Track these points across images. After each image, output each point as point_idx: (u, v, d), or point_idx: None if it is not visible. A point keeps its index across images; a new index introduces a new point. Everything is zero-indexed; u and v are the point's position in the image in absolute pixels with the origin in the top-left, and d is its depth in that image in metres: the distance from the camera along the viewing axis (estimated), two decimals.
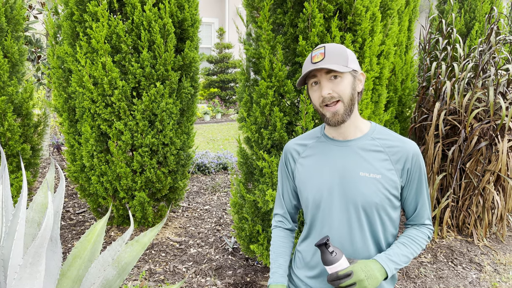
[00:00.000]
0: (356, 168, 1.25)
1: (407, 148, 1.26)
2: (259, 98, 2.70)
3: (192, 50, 3.72)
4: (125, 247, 2.05)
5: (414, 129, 4.36)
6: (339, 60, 1.20)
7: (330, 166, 1.29)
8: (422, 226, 1.35)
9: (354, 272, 1.15)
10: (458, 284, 3.23)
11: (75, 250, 2.09)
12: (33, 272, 1.59)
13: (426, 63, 4.42)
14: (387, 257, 1.23)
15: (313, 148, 1.35)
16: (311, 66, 1.20)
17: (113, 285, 2.01)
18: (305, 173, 1.34)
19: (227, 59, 14.04)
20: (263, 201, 2.77)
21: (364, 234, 1.27)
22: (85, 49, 3.31)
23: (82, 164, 3.68)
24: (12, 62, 3.66)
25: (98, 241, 2.19)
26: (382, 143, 1.28)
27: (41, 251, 1.55)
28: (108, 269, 1.94)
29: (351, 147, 1.28)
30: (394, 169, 1.25)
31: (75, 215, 4.38)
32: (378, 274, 1.19)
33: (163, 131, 3.55)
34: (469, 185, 3.94)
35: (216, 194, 5.29)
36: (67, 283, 2.05)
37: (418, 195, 1.30)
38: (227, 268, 3.33)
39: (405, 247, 1.28)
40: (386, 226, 1.29)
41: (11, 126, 3.48)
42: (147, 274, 3.22)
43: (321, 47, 1.23)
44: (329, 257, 1.16)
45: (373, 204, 1.24)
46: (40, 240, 1.49)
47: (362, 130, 1.30)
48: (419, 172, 1.28)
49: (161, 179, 3.65)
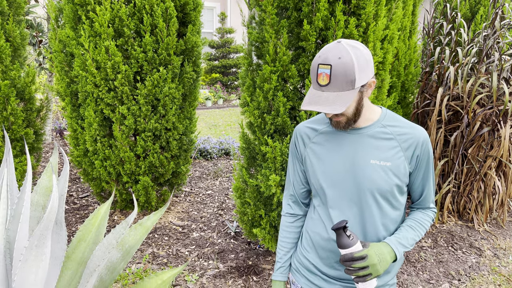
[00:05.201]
0: (367, 156, 1.26)
1: (417, 135, 1.27)
2: (262, 83, 2.70)
3: (194, 35, 3.70)
4: (129, 231, 2.07)
5: (416, 114, 4.35)
6: (344, 85, 1.14)
7: (341, 153, 1.30)
8: (427, 209, 1.38)
9: (368, 256, 1.18)
10: (458, 268, 3.26)
11: (79, 234, 2.11)
12: (39, 254, 1.61)
13: (429, 48, 4.38)
14: (397, 241, 1.26)
15: (324, 135, 1.36)
16: (316, 90, 1.18)
17: (117, 267, 2.04)
18: (316, 159, 1.35)
19: (229, 44, 13.93)
20: (265, 186, 2.78)
21: (374, 218, 1.29)
22: (88, 32, 3.30)
23: (85, 149, 3.69)
24: (14, 46, 3.65)
25: (102, 224, 2.21)
26: (393, 131, 1.28)
27: (46, 233, 1.56)
28: (112, 251, 1.97)
29: (362, 135, 1.29)
30: (404, 156, 1.26)
31: (78, 199, 4.41)
32: (388, 257, 1.22)
33: (166, 116, 3.56)
34: (470, 170, 3.95)
35: (218, 179, 5.32)
36: (72, 265, 2.08)
37: (425, 180, 1.32)
38: (229, 252, 3.37)
39: (413, 230, 1.31)
40: (395, 210, 1.31)
41: (14, 111, 3.49)
42: (150, 258, 3.26)
43: (327, 64, 1.14)
44: (346, 240, 1.18)
45: (382, 190, 1.26)
46: (46, 222, 1.51)
47: (372, 118, 1.30)
48: (427, 158, 1.29)
49: (164, 164, 3.67)
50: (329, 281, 1.37)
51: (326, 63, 1.14)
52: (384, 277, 1.34)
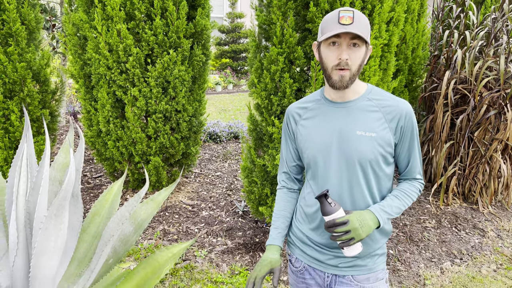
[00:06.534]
0: (353, 128, 1.34)
1: (400, 107, 1.35)
2: (269, 65, 2.76)
3: (203, 18, 3.76)
4: (141, 205, 2.18)
5: (424, 98, 4.38)
6: (363, 30, 1.24)
7: (329, 126, 1.38)
8: (413, 180, 1.46)
9: (350, 221, 1.26)
10: (460, 247, 3.33)
11: (94, 209, 2.23)
12: (58, 223, 1.72)
13: (438, 32, 4.39)
14: (380, 208, 1.34)
15: (314, 110, 1.44)
16: (340, 27, 1.23)
17: (130, 240, 2.15)
18: (306, 133, 1.43)
19: (239, 29, 13.92)
20: (272, 165, 2.87)
21: (361, 188, 1.37)
22: (100, 16, 3.38)
23: (98, 130, 3.81)
24: (29, 29, 3.75)
25: (115, 200, 2.33)
26: (378, 103, 1.36)
27: (64, 204, 1.67)
28: (125, 223, 2.07)
29: (348, 108, 1.37)
30: (388, 128, 1.34)
31: (92, 179, 4.56)
32: (371, 223, 1.30)
33: (176, 98, 3.65)
34: (476, 153, 3.99)
35: (227, 161, 5.42)
36: (87, 238, 2.19)
37: (411, 151, 1.40)
38: (237, 230, 3.48)
39: (398, 199, 1.39)
40: (381, 180, 1.39)
41: (30, 92, 3.61)
42: (161, 234, 3.39)
43: (349, 10, 1.24)
44: (328, 207, 1.27)
45: (368, 160, 1.34)
46: (64, 193, 1.61)
47: (359, 92, 1.39)
48: (411, 129, 1.36)
49: (174, 145, 3.78)
50: (321, 251, 1.46)
51: (348, 9, 1.25)
52: (372, 245, 1.42)
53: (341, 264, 1.42)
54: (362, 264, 1.42)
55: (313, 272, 1.49)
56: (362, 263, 1.41)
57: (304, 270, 1.51)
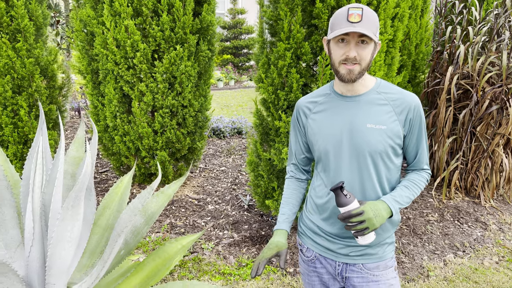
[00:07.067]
0: (364, 121, 1.39)
1: (409, 100, 1.40)
2: (276, 60, 2.81)
3: (209, 14, 3.80)
4: (151, 198, 2.23)
5: (426, 93, 4.42)
6: (372, 27, 1.29)
7: (340, 119, 1.43)
8: (421, 170, 1.52)
9: (365, 211, 1.31)
10: (463, 240, 3.39)
11: (104, 201, 2.27)
12: (74, 214, 1.76)
13: (441, 28, 4.43)
14: (392, 198, 1.39)
15: (324, 104, 1.49)
16: (349, 26, 1.28)
17: (141, 231, 2.20)
18: (317, 127, 1.48)
19: (241, 25, 13.93)
20: (278, 159, 2.92)
21: (372, 179, 1.41)
22: (108, 11, 3.42)
23: (105, 124, 3.85)
24: (36, 25, 3.79)
25: (125, 193, 2.37)
26: (387, 97, 1.41)
27: (80, 195, 1.71)
28: (138, 214, 2.12)
29: (358, 102, 1.42)
30: (397, 120, 1.39)
31: (98, 174, 4.61)
32: (384, 213, 1.35)
33: (182, 93, 3.69)
34: (478, 148, 4.04)
35: (231, 156, 5.47)
36: (98, 230, 2.24)
37: (419, 142, 1.45)
38: (243, 223, 3.54)
39: (408, 189, 1.45)
40: (391, 171, 1.45)
41: (38, 88, 3.65)
42: (168, 227, 3.44)
43: (358, 7, 1.28)
44: (344, 199, 1.31)
45: (378, 152, 1.39)
46: (80, 185, 1.66)
47: (368, 85, 1.43)
48: (419, 121, 1.42)
49: (181, 140, 3.82)
50: (332, 240, 1.51)
51: (357, 6, 1.28)
52: (382, 234, 1.47)
53: (352, 253, 1.47)
54: (372, 253, 1.47)
55: (324, 261, 1.54)
56: (373, 251, 1.46)
57: (315, 260, 1.56)
